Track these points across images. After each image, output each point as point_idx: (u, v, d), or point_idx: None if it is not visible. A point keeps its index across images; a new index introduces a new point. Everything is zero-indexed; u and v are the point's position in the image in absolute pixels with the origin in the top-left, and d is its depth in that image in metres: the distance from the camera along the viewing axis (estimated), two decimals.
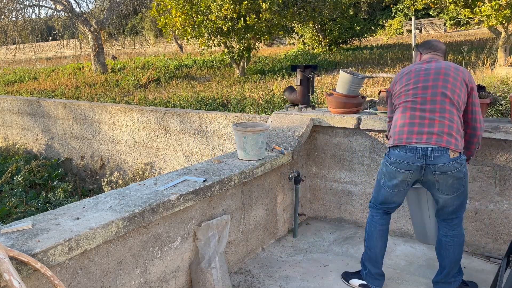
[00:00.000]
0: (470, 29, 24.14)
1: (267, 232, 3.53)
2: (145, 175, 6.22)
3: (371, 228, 2.83)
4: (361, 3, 26.99)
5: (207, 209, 2.80)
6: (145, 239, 2.37)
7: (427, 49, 2.84)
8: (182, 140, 5.88)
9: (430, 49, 2.83)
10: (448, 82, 2.57)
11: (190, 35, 11.04)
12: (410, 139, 2.52)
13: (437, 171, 2.48)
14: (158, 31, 31.57)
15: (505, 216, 3.14)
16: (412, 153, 2.50)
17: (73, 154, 7.49)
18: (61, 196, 6.29)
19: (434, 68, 2.65)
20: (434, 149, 2.46)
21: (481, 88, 3.23)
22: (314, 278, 3.05)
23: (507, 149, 3.06)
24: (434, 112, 2.52)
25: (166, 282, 2.55)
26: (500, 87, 4.45)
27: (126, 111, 6.47)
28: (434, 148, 2.46)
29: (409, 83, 2.66)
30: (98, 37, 14.19)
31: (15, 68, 18.37)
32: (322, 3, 11.90)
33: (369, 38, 21.68)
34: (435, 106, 2.53)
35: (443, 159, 2.45)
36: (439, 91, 2.55)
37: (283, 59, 14.61)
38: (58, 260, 1.87)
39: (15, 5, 14.62)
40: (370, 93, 6.85)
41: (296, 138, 3.61)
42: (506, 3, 8.57)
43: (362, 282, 2.88)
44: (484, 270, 3.08)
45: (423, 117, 2.54)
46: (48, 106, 7.71)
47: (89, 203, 2.34)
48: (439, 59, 2.77)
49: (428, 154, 2.47)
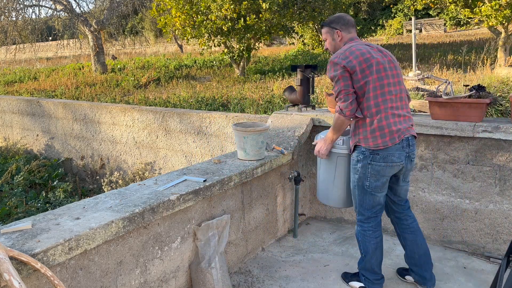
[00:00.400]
0: (470, 29, 24.14)
1: (267, 232, 3.53)
2: (145, 175, 6.22)
3: (365, 242, 2.78)
4: (361, 3, 26.99)
5: (207, 209, 2.80)
6: (145, 239, 2.37)
7: (349, 26, 2.75)
8: (182, 140, 5.88)
9: (351, 26, 2.76)
10: (400, 76, 2.72)
11: (190, 35, 11.04)
12: (397, 136, 2.57)
13: (413, 158, 2.69)
14: (158, 31, 31.57)
15: (505, 216, 3.14)
16: (400, 144, 2.58)
17: (73, 154, 7.49)
18: (61, 196, 6.29)
19: (392, 60, 2.69)
20: (412, 138, 2.65)
21: (481, 88, 3.23)
22: (314, 278, 3.05)
23: (507, 149, 3.06)
24: (405, 108, 2.68)
25: (166, 282, 2.55)
26: (500, 87, 4.45)
27: (126, 111, 6.47)
28: (412, 137, 2.66)
29: (381, 77, 2.57)
30: (98, 37, 14.19)
31: (15, 68, 18.38)
32: (322, 3, 11.90)
33: (369, 38, 21.68)
34: (404, 103, 2.68)
35: (415, 147, 2.70)
36: (403, 87, 2.70)
37: (283, 59, 14.62)
38: (58, 260, 1.87)
39: (15, 5, 14.62)
40: None
41: (296, 138, 3.61)
42: (506, 3, 8.57)
43: (361, 285, 2.87)
44: (484, 270, 3.08)
45: (400, 115, 2.61)
46: (48, 106, 7.71)
47: (89, 203, 2.34)
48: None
49: (410, 143, 2.63)
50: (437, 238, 3.44)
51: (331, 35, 2.76)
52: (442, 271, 3.07)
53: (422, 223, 3.47)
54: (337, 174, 2.98)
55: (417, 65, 9.46)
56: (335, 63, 2.61)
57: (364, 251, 2.80)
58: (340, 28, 2.73)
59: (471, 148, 3.18)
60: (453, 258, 3.25)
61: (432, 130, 3.27)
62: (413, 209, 3.49)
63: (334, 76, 2.61)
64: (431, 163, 3.36)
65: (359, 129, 2.64)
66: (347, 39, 2.75)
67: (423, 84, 6.68)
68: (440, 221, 3.40)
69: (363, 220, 2.77)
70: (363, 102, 2.59)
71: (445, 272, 3.06)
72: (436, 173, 3.35)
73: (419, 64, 10.31)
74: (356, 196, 2.75)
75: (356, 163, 2.68)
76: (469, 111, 3.18)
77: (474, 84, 3.30)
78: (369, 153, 2.60)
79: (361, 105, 2.60)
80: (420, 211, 3.47)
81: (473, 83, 5.53)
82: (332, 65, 2.62)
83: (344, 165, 2.94)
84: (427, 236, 3.47)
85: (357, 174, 2.69)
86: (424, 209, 3.45)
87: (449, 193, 3.33)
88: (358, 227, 2.81)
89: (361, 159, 2.64)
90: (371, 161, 2.60)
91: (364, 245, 2.78)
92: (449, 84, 3.36)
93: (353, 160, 2.72)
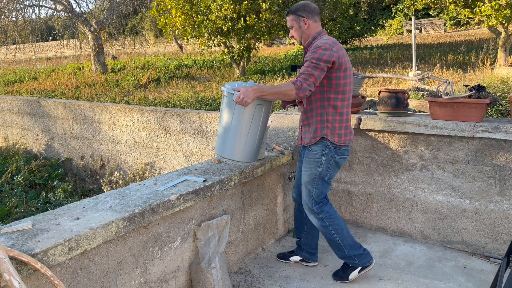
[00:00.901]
0: (470, 29, 24.14)
1: (267, 232, 3.53)
2: (145, 175, 6.22)
3: (335, 220, 2.88)
4: (361, 3, 27.00)
5: (207, 209, 2.80)
6: (145, 239, 2.37)
7: (315, 14, 2.79)
8: (182, 140, 5.88)
9: (316, 14, 2.79)
10: None
11: (190, 35, 11.05)
12: (352, 136, 2.88)
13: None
14: (158, 31, 31.57)
15: (505, 216, 3.14)
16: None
17: (73, 154, 7.49)
18: (61, 196, 6.30)
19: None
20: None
21: (481, 88, 3.23)
22: (314, 278, 3.05)
23: (507, 149, 3.06)
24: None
25: (166, 282, 2.55)
26: (500, 87, 4.45)
27: (126, 111, 6.47)
28: None
29: (351, 81, 2.79)
30: (98, 37, 14.20)
31: (15, 68, 18.38)
32: (322, 3, 11.90)
33: (369, 38, 21.70)
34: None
35: None
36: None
37: (283, 59, 14.62)
38: (58, 260, 1.87)
39: (15, 5, 14.62)
40: (370, 93, 6.85)
41: (296, 138, 3.61)
42: (506, 3, 8.58)
43: (360, 267, 2.92)
44: (484, 270, 3.08)
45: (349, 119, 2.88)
46: (48, 106, 7.71)
47: (89, 203, 2.34)
48: None
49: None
50: (437, 238, 3.44)
51: (297, 23, 2.79)
52: (442, 271, 3.08)
53: (422, 223, 3.47)
54: (254, 123, 2.79)
55: (417, 65, 9.46)
56: (330, 51, 2.61)
57: (336, 231, 2.88)
58: (306, 16, 2.76)
59: (471, 148, 3.19)
60: (453, 258, 3.25)
61: (432, 130, 3.27)
62: (413, 209, 3.49)
63: (318, 60, 2.59)
64: (431, 163, 3.36)
65: (327, 123, 2.76)
66: (315, 28, 2.80)
67: (423, 84, 6.69)
68: (440, 221, 3.40)
69: (321, 206, 2.89)
70: (335, 98, 2.73)
71: (445, 272, 3.06)
72: (436, 173, 3.35)
73: (419, 64, 10.32)
74: (316, 187, 2.85)
75: (320, 156, 2.80)
76: (469, 111, 3.18)
77: (474, 84, 3.30)
78: (333, 148, 2.78)
79: (332, 101, 2.73)
80: (420, 211, 3.47)
81: (473, 83, 5.53)
82: (324, 50, 2.61)
83: (262, 115, 2.80)
84: (427, 236, 3.47)
85: (320, 167, 2.81)
86: (424, 209, 3.45)
87: (449, 193, 3.33)
88: (319, 215, 2.87)
89: (326, 153, 2.80)
90: (335, 155, 2.80)
91: (334, 226, 2.88)
92: (449, 84, 3.37)
93: (316, 153, 2.81)
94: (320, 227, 2.89)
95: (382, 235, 3.64)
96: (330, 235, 2.87)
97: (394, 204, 3.58)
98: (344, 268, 2.97)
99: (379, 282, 2.95)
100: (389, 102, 3.52)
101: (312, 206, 2.87)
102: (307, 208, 2.91)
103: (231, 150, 2.83)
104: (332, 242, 2.90)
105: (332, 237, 2.87)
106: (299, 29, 2.80)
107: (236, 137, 2.80)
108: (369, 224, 3.75)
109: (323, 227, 2.88)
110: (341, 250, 2.89)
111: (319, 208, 2.86)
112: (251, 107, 2.74)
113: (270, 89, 2.66)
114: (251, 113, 2.77)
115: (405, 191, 3.51)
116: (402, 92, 3.54)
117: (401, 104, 3.52)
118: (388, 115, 3.53)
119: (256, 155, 2.92)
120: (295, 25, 2.80)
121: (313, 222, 2.94)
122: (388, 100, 3.53)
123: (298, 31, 2.81)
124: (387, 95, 3.54)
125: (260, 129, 2.86)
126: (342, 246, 2.88)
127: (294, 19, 2.80)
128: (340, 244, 2.87)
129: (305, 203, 2.91)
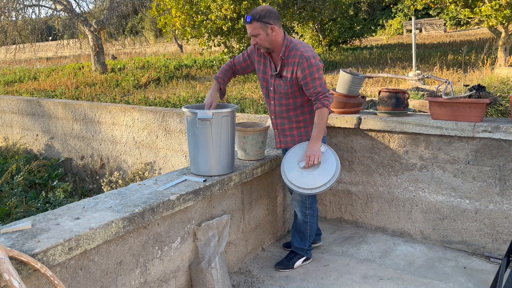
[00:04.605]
0: (470, 29, 24.15)
1: (267, 232, 3.53)
2: (145, 175, 6.22)
3: (315, 219, 3.14)
4: (361, 3, 27.00)
5: (207, 209, 2.80)
6: (145, 239, 2.37)
7: (279, 20, 2.81)
8: (182, 140, 5.88)
9: (279, 18, 2.81)
10: None
11: (190, 35, 11.04)
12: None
13: None
14: (158, 31, 31.58)
15: (505, 216, 3.14)
16: None
17: (73, 154, 7.49)
18: (61, 196, 6.29)
19: None
20: None
21: (481, 88, 3.23)
22: (314, 278, 3.05)
23: (507, 149, 3.06)
24: None
25: (166, 282, 2.55)
26: (500, 87, 4.45)
27: (126, 111, 6.47)
28: None
29: None
30: (98, 37, 14.18)
31: (15, 68, 18.38)
32: (322, 3, 11.89)
33: (369, 38, 21.69)
34: None
35: None
36: None
37: None
38: (58, 260, 1.87)
39: (15, 5, 14.61)
40: (370, 93, 6.84)
41: None
42: (506, 3, 8.57)
43: (304, 258, 3.19)
44: (484, 270, 3.08)
45: None
46: (48, 106, 7.71)
47: (89, 203, 2.34)
48: None
49: None
50: (437, 238, 3.44)
51: (264, 31, 2.74)
52: (442, 271, 3.08)
53: (422, 223, 3.47)
54: (223, 134, 2.76)
55: (417, 65, 9.46)
56: (317, 62, 2.78)
57: (311, 228, 3.12)
58: (273, 23, 2.74)
59: (471, 148, 3.19)
60: (453, 258, 3.25)
61: (432, 130, 3.27)
62: (413, 209, 3.49)
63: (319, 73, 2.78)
64: (431, 163, 3.36)
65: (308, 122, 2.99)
66: (281, 34, 2.82)
67: (423, 84, 6.68)
68: (440, 221, 3.40)
69: (312, 202, 3.09)
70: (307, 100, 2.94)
71: (445, 272, 3.06)
72: (436, 173, 3.35)
73: (419, 64, 10.31)
74: None
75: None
76: (469, 111, 3.18)
77: (474, 84, 3.30)
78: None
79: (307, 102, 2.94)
80: (420, 211, 3.47)
81: (473, 83, 5.53)
82: (317, 61, 2.79)
83: (229, 123, 2.78)
84: (427, 236, 3.47)
85: None
86: (424, 209, 3.45)
87: (449, 193, 3.33)
88: (306, 211, 3.07)
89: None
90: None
91: (312, 224, 3.12)
92: (449, 84, 3.36)
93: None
94: (301, 219, 3.11)
95: (382, 235, 3.64)
96: (304, 229, 3.13)
97: (394, 204, 3.58)
98: (289, 257, 3.18)
99: (379, 282, 2.96)
100: (389, 102, 3.52)
101: (306, 199, 3.05)
102: (298, 200, 3.07)
103: (209, 167, 2.82)
104: (301, 234, 3.15)
105: (305, 231, 3.13)
106: (267, 37, 2.76)
107: (209, 154, 2.78)
108: (369, 224, 3.75)
109: (303, 221, 3.11)
110: (303, 242, 3.16)
111: (310, 204, 3.07)
112: (217, 122, 2.71)
113: (320, 129, 2.81)
114: (218, 127, 2.74)
115: (405, 191, 3.51)
116: (402, 92, 3.54)
117: (401, 104, 3.52)
118: (388, 115, 3.53)
119: (232, 165, 2.95)
120: (262, 32, 2.73)
121: (297, 213, 3.13)
122: (388, 100, 3.53)
123: (266, 39, 2.76)
124: (387, 95, 3.54)
125: (231, 137, 2.86)
126: (307, 240, 3.16)
127: (260, 27, 2.72)
128: (306, 238, 3.15)
129: (297, 196, 3.07)
